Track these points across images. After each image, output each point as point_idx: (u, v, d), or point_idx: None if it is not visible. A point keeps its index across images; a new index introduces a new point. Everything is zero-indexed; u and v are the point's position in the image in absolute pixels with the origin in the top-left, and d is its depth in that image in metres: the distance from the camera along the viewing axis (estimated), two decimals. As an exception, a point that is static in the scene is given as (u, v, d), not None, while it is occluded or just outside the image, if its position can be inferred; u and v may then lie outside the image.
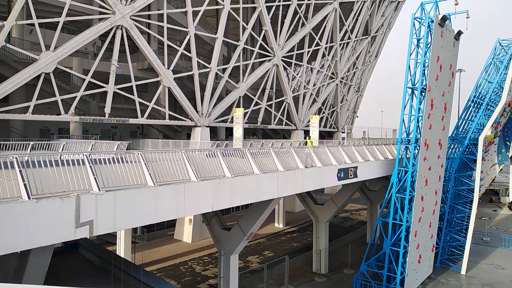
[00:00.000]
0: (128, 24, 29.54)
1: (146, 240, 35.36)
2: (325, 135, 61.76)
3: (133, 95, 31.59)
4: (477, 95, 32.03)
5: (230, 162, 14.94)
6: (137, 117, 32.31)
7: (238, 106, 40.23)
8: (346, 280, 27.43)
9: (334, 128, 62.77)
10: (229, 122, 39.81)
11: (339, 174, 21.67)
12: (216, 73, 37.64)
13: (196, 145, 32.65)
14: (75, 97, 28.20)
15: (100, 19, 28.68)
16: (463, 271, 28.05)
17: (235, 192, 14.68)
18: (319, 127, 35.50)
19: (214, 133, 48.37)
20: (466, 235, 29.37)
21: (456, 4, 23.81)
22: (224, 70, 38.87)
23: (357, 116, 73.45)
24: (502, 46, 32.70)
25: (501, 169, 38.38)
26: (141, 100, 32.31)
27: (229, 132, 49.05)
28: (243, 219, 19.51)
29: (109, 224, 10.32)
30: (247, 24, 39.58)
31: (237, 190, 14.76)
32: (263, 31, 41.53)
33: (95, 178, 9.96)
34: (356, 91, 67.09)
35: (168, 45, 33.10)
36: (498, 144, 35.12)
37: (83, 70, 31.57)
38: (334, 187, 38.20)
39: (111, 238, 31.13)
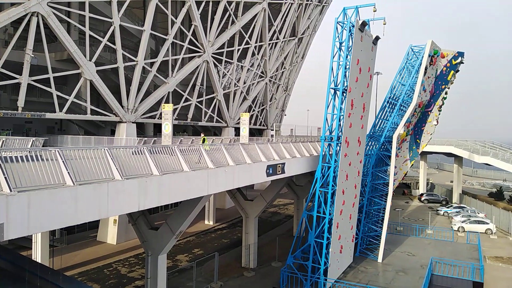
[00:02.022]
0: (44, 12, 27.34)
1: (66, 243, 33.18)
2: (255, 133, 62.92)
3: (50, 87, 29.38)
4: (391, 97, 34.74)
5: (158, 159, 14.59)
6: (54, 112, 30.14)
7: (167, 101, 39.32)
8: (274, 273, 28.28)
9: (263, 125, 64.13)
10: (158, 118, 38.73)
11: (268, 170, 22.27)
12: (143, 67, 36.37)
13: (121, 142, 31.33)
14: (-19, 88, 25.48)
15: (13, 4, 26.13)
16: (379, 259, 30.40)
17: (163, 191, 14.38)
18: (249, 124, 36.11)
19: (141, 129, 46.72)
20: (382, 226, 31.86)
21: (375, 11, 25.51)
22: (152, 64, 37.68)
23: (285, 115, 75.96)
24: (414, 51, 35.75)
25: (412, 164, 42.24)
26: (59, 93, 30.17)
27: (158, 129, 47.79)
28: (172, 217, 19.19)
29: (23, 227, 9.55)
30: (176, 18, 38.75)
31: (165, 188, 14.47)
32: (193, 26, 40.98)
33: (5, 177, 9.14)
34: (284, 90, 69.19)
35: (90, 36, 31.26)
36: (409, 142, 38.58)
37: (-9, 59, 28.55)
38: (263, 183, 39.12)
39: (25, 242, 28.64)
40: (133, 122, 36.16)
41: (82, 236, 36.27)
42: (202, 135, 24.06)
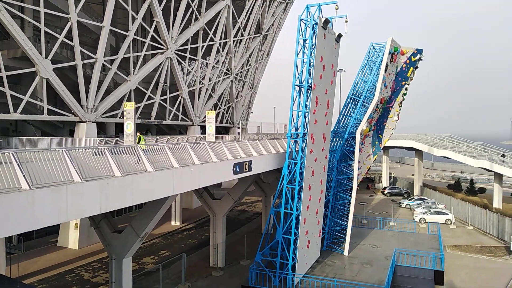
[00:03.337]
0: (-6, 6, 25.77)
1: (24, 250, 31.70)
2: (221, 131, 62.47)
3: (3, 86, 27.80)
4: (354, 93, 35.44)
5: (120, 160, 14.11)
6: (8, 112, 28.59)
7: (129, 100, 38.24)
8: (243, 271, 28.21)
9: (230, 123, 63.83)
10: (119, 117, 37.57)
11: (234, 169, 22.12)
12: (103, 65, 35.17)
13: (81, 143, 30.18)
14: None
15: (-43, -3, 24.47)
16: (345, 252, 31.01)
17: (126, 192, 13.94)
18: (216, 122, 35.79)
19: (102, 129, 45.13)
20: (348, 220, 32.51)
21: (337, 9, 25.83)
22: (112, 61, 36.51)
23: (252, 112, 75.93)
24: (375, 49, 36.57)
25: (375, 159, 43.42)
26: (13, 93, 28.62)
27: (120, 128, 46.34)
28: (136, 219, 18.66)
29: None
30: (137, 14, 37.69)
31: (128, 189, 14.02)
32: (155, 22, 40.02)
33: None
34: (250, 87, 69.15)
35: (45, 32, 29.81)
36: (372, 137, 39.58)
37: None
38: (231, 181, 38.98)
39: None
40: (93, 122, 34.89)
41: (41, 241, 34.73)
42: (138, 134, 21.66)
